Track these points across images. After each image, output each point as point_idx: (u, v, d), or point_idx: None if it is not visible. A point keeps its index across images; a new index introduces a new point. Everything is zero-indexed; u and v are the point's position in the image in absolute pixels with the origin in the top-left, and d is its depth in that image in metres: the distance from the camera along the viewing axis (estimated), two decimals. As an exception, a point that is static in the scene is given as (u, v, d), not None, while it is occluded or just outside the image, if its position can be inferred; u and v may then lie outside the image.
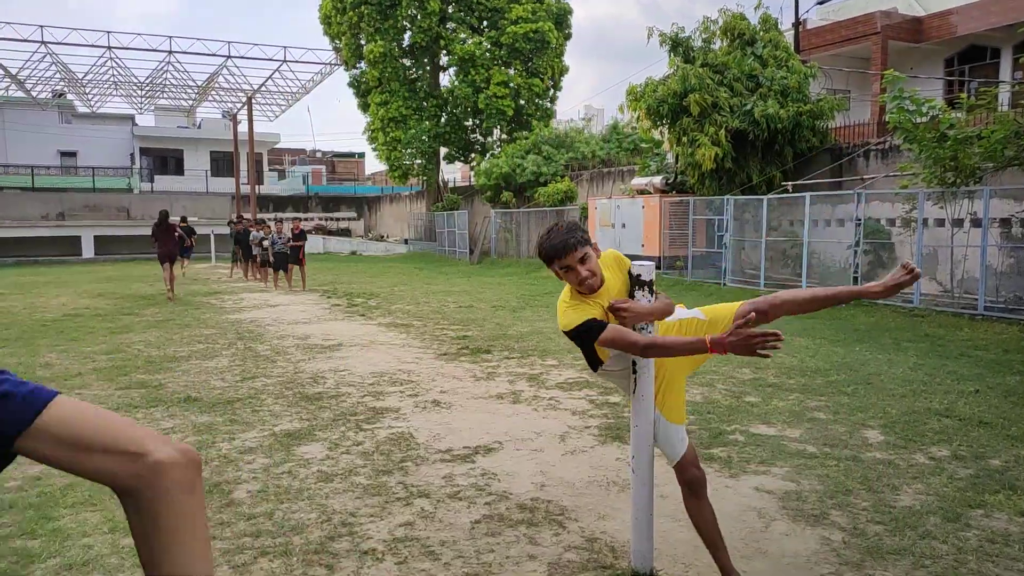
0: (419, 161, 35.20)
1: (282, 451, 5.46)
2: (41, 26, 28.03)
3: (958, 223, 12.89)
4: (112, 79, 34.93)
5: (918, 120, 12.80)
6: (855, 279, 14.08)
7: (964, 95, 12.71)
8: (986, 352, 9.19)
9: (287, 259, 18.55)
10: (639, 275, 3.44)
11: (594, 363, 3.43)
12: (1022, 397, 6.88)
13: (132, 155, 45.29)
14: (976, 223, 12.55)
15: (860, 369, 8.16)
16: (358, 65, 34.74)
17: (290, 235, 18.46)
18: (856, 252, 14.05)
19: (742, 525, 4.13)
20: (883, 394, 7.00)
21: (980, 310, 11.89)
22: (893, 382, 7.50)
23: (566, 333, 3.24)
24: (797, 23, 23.15)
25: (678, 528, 4.10)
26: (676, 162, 19.98)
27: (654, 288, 3.45)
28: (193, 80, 36.18)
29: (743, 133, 17.08)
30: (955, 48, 22.42)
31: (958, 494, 4.51)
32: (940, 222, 13.50)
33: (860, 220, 13.99)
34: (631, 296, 3.39)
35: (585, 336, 3.18)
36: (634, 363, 3.45)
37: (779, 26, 19.58)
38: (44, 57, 30.59)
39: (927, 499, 4.45)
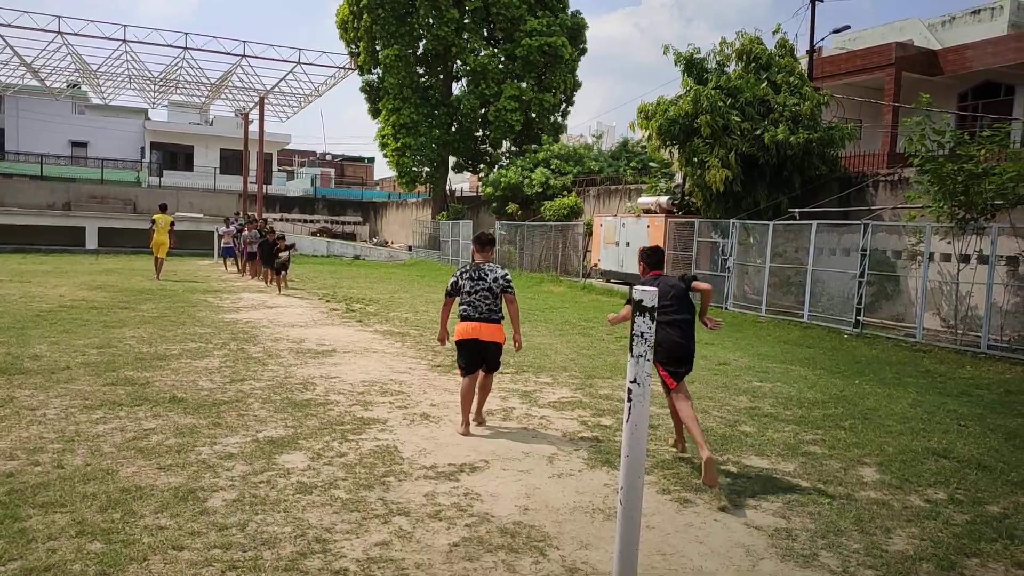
0: (427, 168, 35.22)
1: (263, 459, 5.34)
2: (59, 16, 28.19)
3: (965, 259, 12.76)
4: (127, 72, 35.03)
5: (937, 151, 12.71)
6: (858, 310, 13.94)
7: (986, 131, 12.59)
8: (988, 392, 9.03)
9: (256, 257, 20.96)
10: (640, 300, 3.34)
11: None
12: (1023, 440, 6.73)
13: (143, 149, 45.43)
14: (983, 260, 12.42)
15: (859, 403, 8.02)
16: (373, 70, 34.83)
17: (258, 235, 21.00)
18: (860, 283, 13.92)
19: (728, 562, 4.00)
20: (881, 431, 6.86)
21: (983, 348, 11.74)
22: (891, 418, 7.36)
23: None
24: (812, 50, 23.13)
25: (663, 562, 3.97)
26: (684, 183, 19.91)
27: (655, 315, 3.33)
28: (207, 77, 36.26)
29: (752, 158, 17.00)
30: (969, 83, 22.36)
31: (953, 540, 4.37)
32: (947, 257, 13.37)
33: (866, 251, 13.86)
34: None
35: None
36: (629, 392, 3.34)
37: (795, 52, 19.54)
38: (60, 47, 30.67)
39: (921, 544, 4.31)
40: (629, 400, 3.37)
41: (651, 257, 6.18)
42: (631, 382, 3.36)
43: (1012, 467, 5.87)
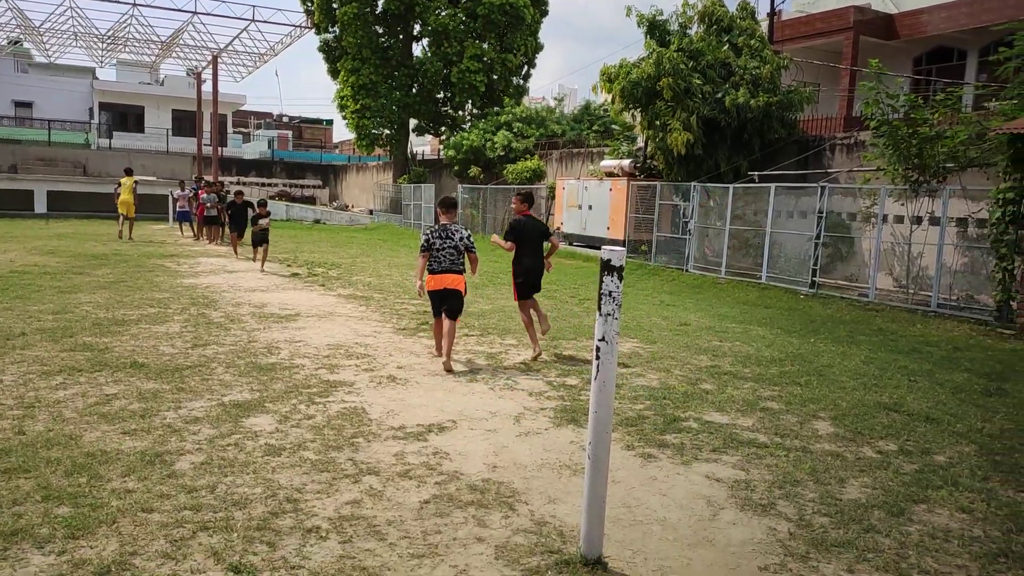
0: (387, 131, 34.71)
1: (230, 422, 5.33)
2: (-4, -31, 26.81)
3: (917, 220, 13.11)
4: (72, 29, 33.68)
5: (892, 115, 12.94)
6: (814, 271, 14.27)
7: (940, 95, 12.85)
8: (937, 349, 9.38)
9: (218, 221, 20.94)
10: (609, 260, 3.38)
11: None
12: (969, 394, 7.03)
13: (91, 109, 43.86)
14: (934, 221, 12.77)
15: (814, 360, 8.27)
16: (330, 29, 34.01)
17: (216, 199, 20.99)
18: (816, 245, 14.22)
19: (690, 513, 4.14)
20: (835, 386, 7.10)
21: (933, 307, 12.14)
22: (845, 375, 7.61)
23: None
24: (772, 13, 23.21)
25: (628, 514, 4.09)
26: (646, 146, 19.98)
27: (623, 274, 3.40)
28: (157, 35, 35.10)
29: (713, 121, 17.13)
30: (923, 48, 22.70)
31: (903, 489, 4.58)
32: (899, 219, 13.72)
33: (822, 213, 14.14)
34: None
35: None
36: (597, 350, 3.41)
37: (755, 15, 19.61)
38: (-1, 2, 29.35)
39: (873, 492, 4.51)
40: (598, 358, 3.44)
41: (528, 198, 8.40)
42: (599, 340, 3.43)
43: (958, 419, 6.14)
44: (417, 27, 33.62)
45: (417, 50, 34.48)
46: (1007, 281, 11.01)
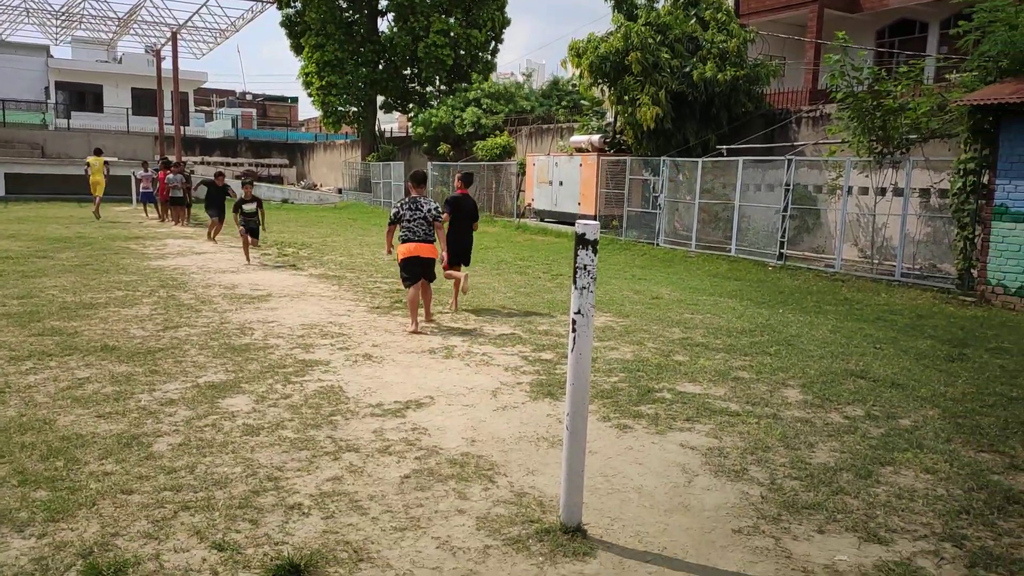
0: (354, 108, 34.26)
1: (206, 403, 5.31)
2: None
3: (881, 192, 13.35)
4: (23, 5, 32.59)
5: (857, 88, 13.10)
6: (782, 243, 14.48)
7: (903, 67, 13.03)
8: (901, 317, 9.61)
9: (183, 202, 20.59)
10: (583, 234, 3.42)
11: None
12: (933, 360, 7.24)
13: (47, 89, 42.61)
14: (898, 192, 13.02)
15: (783, 331, 8.43)
16: (292, 3, 33.34)
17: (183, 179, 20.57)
18: (784, 217, 14.43)
19: (666, 480, 4.24)
20: (803, 355, 7.26)
21: (897, 276, 12.41)
22: (813, 344, 7.78)
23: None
24: (738, -14, 23.24)
25: (606, 483, 4.17)
26: (615, 121, 20.00)
27: (597, 248, 3.44)
28: (113, 11, 34.13)
29: (682, 95, 17.19)
30: (886, 20, 22.95)
31: (870, 452, 4.73)
32: (864, 190, 13.96)
33: (789, 186, 14.33)
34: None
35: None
36: (573, 323, 3.46)
37: (722, -12, 19.61)
38: (-55, -23, 28.28)
39: (841, 456, 4.65)
40: (574, 330, 3.49)
41: (467, 178, 9.47)
42: (575, 313, 3.47)
43: (922, 384, 6.33)
44: (382, 1, 33.09)
45: (383, 25, 33.99)
46: (968, 250, 11.29)
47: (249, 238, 13.07)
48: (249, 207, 13.17)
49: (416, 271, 8.13)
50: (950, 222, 11.97)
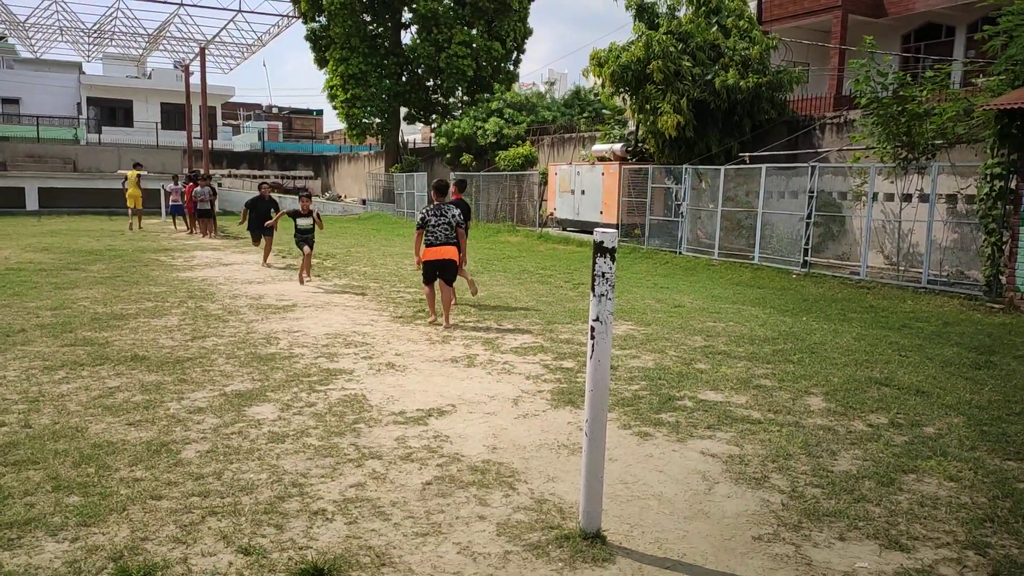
0: (378, 120, 34.61)
1: (233, 411, 5.41)
2: (-21, -36, 26.56)
3: (907, 198, 13.21)
4: (57, 24, 33.43)
5: (882, 93, 13.00)
6: (806, 250, 14.38)
7: (928, 72, 12.91)
8: (927, 324, 9.50)
9: (211, 215, 21.12)
10: (601, 242, 3.47)
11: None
12: (959, 367, 7.16)
13: (79, 105, 43.58)
14: (924, 198, 12.88)
15: (806, 338, 8.38)
16: (317, 19, 33.83)
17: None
18: (808, 224, 14.33)
19: (686, 487, 4.25)
20: (827, 363, 7.21)
21: (923, 283, 12.26)
22: (837, 351, 7.73)
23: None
24: (761, -7, 23.18)
25: (625, 490, 4.20)
26: (637, 130, 20.01)
27: (615, 256, 3.49)
28: (143, 28, 34.86)
29: (704, 103, 17.16)
30: (912, 25, 22.72)
31: (893, 459, 4.70)
32: (889, 196, 13.82)
33: (813, 193, 14.23)
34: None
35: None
36: (592, 330, 3.50)
37: (744, -5, 19.59)
38: (-18, -2, 29.11)
39: (864, 464, 4.63)
40: (592, 338, 3.53)
41: (464, 184, 10.72)
42: (594, 320, 3.51)
43: (947, 392, 6.26)
44: (406, 14, 33.45)
45: (406, 38, 34.34)
46: (996, 256, 11.13)
47: (305, 249, 12.21)
48: (304, 222, 12.33)
49: (432, 272, 8.89)
50: (977, 228, 11.81)
